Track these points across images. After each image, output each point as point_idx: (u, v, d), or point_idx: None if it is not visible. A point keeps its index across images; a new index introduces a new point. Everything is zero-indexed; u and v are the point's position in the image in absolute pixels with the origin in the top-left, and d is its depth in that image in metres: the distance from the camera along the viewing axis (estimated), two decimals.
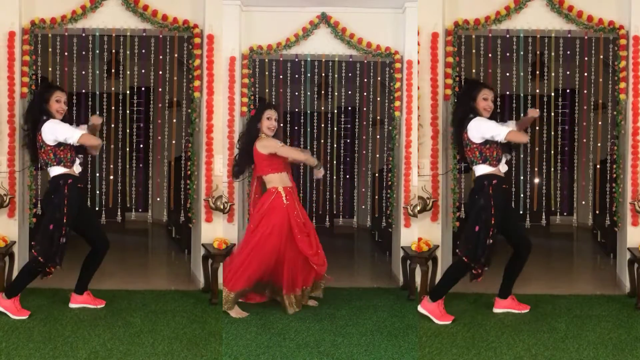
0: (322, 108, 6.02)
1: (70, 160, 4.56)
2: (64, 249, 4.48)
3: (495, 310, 4.71)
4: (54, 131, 4.48)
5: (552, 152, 5.49)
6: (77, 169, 4.63)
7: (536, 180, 5.89)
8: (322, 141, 6.17)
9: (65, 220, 4.45)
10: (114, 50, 5.57)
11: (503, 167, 4.54)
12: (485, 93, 4.56)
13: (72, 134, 4.47)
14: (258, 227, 4.68)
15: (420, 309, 4.58)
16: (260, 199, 4.81)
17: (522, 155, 5.74)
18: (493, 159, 4.48)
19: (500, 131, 4.41)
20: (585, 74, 5.48)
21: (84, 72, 5.62)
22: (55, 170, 4.54)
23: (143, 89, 5.87)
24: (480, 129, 4.45)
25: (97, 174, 5.93)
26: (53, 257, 4.45)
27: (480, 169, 4.52)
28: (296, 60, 5.63)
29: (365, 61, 5.65)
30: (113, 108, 5.89)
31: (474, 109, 4.55)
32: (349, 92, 6.12)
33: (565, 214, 5.85)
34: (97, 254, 4.76)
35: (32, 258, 4.54)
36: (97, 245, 4.75)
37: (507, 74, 5.65)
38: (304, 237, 4.74)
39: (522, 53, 5.39)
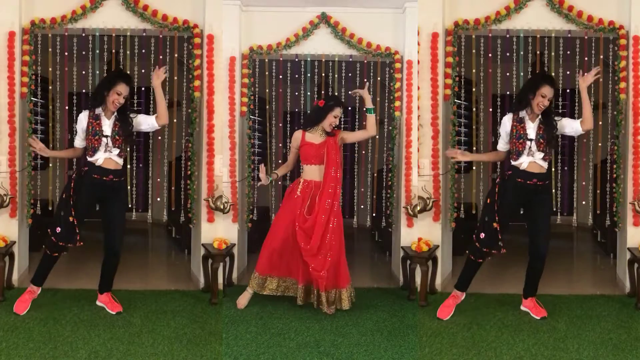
0: None
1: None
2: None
3: (521, 307, 4.76)
4: None
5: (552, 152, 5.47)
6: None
7: None
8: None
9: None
10: (114, 50, 5.56)
11: (524, 163, 4.55)
12: (545, 90, 4.50)
13: None
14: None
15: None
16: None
17: None
18: (513, 153, 4.59)
19: None
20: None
21: (84, 72, 5.61)
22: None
23: (143, 89, 5.86)
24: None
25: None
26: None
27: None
28: (296, 60, 5.63)
29: (365, 61, 5.65)
30: None
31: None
32: (349, 92, 6.11)
33: (565, 214, 5.82)
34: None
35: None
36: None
37: (507, 74, 5.65)
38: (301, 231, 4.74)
39: (522, 53, 5.39)
